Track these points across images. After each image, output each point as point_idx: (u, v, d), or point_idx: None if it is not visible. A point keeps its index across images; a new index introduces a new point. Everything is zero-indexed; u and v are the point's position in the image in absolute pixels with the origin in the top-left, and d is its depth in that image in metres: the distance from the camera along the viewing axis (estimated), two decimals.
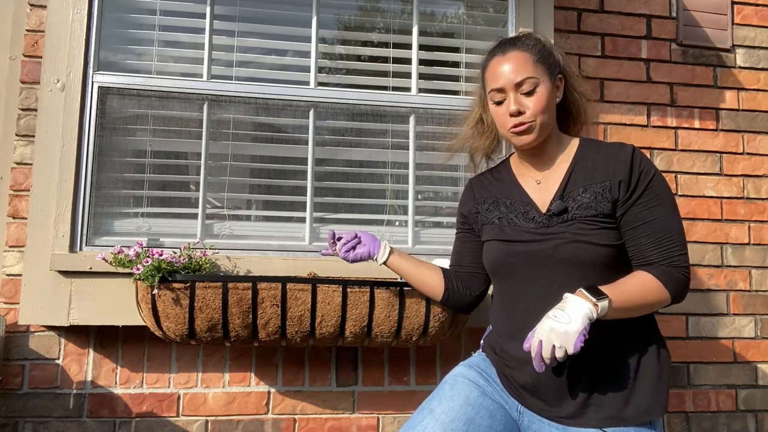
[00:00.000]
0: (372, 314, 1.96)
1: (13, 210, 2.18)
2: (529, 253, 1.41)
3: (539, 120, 1.42)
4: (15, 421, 2.11)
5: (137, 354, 2.20)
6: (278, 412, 2.26)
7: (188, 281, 1.90)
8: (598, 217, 1.36)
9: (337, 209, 2.40)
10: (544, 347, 1.21)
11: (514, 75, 1.42)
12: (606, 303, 1.24)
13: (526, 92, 1.42)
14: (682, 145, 2.67)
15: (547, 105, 1.43)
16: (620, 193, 1.36)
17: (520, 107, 1.42)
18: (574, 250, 1.35)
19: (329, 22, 2.49)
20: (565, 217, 1.39)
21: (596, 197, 1.38)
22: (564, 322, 1.19)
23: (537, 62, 1.43)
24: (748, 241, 2.67)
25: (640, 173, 1.36)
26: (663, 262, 1.33)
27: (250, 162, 2.39)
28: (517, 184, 1.53)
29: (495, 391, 1.47)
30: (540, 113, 1.42)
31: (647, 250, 1.35)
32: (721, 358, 2.59)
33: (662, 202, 1.36)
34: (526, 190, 1.50)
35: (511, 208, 1.50)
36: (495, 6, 2.56)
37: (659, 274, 1.32)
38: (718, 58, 2.74)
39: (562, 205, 1.39)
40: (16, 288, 2.14)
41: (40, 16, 2.23)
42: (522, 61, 1.43)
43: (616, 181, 1.37)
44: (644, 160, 1.39)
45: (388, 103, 2.41)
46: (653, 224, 1.34)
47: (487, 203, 1.56)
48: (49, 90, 2.15)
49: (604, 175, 1.39)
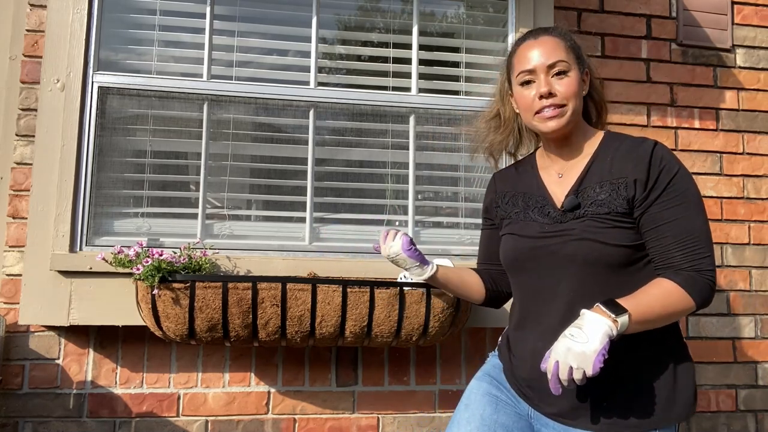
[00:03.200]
0: (372, 314, 1.96)
1: (13, 210, 2.18)
2: (537, 249, 1.39)
3: (570, 105, 1.38)
4: (15, 421, 2.11)
5: (137, 354, 2.20)
6: (278, 412, 2.26)
7: (188, 281, 1.90)
8: (611, 215, 1.31)
9: (337, 209, 2.40)
10: (561, 368, 1.15)
11: (547, 56, 1.39)
12: (626, 318, 1.17)
13: (557, 73, 1.38)
14: (682, 145, 2.67)
15: (578, 90, 1.39)
16: (636, 191, 1.30)
17: (551, 89, 1.38)
18: (579, 247, 1.31)
19: (329, 22, 2.49)
20: (578, 213, 1.35)
21: (611, 194, 1.32)
22: (581, 342, 1.14)
23: (569, 48, 1.41)
24: (748, 241, 2.67)
25: (660, 171, 1.29)
26: (686, 266, 1.26)
27: (250, 162, 2.39)
28: (538, 178, 1.49)
29: (508, 398, 1.46)
30: (572, 97, 1.38)
31: (670, 252, 1.27)
32: (721, 358, 2.59)
33: (685, 201, 1.29)
34: (546, 184, 1.46)
35: (529, 202, 1.46)
36: (495, 6, 2.56)
37: (682, 281, 1.25)
38: (718, 58, 2.74)
39: (575, 201, 1.36)
40: (16, 288, 2.14)
41: (40, 16, 2.23)
42: (555, 45, 1.40)
43: (632, 179, 1.31)
44: (666, 156, 1.32)
45: (388, 103, 2.41)
46: (676, 225, 1.28)
47: (507, 197, 1.53)
48: (49, 90, 2.15)
49: (620, 171, 1.33)
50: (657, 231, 1.29)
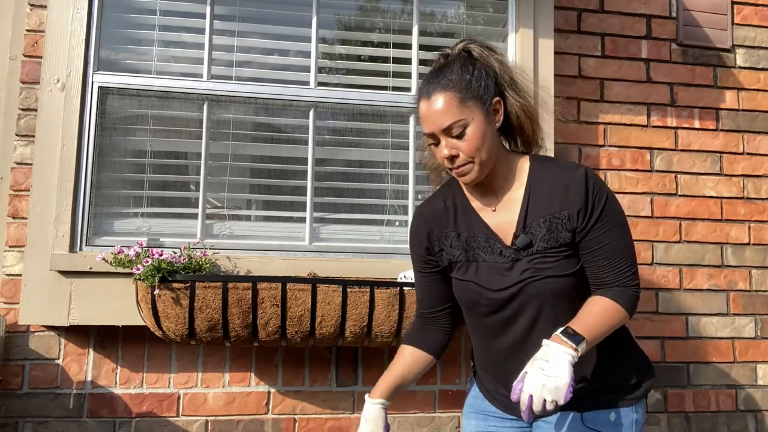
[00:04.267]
0: (372, 314, 1.96)
1: (13, 210, 2.18)
2: (499, 291, 1.38)
3: (477, 159, 1.34)
4: (15, 421, 2.11)
5: (137, 354, 2.20)
6: (278, 412, 2.26)
7: (188, 281, 1.90)
8: (560, 248, 1.36)
9: (337, 209, 2.40)
10: (535, 402, 1.20)
11: (441, 121, 1.32)
12: (584, 345, 1.24)
13: (456, 135, 1.33)
14: (682, 145, 2.67)
15: (482, 142, 1.33)
16: (578, 221, 1.35)
17: (452, 151, 1.33)
18: (544, 285, 1.35)
19: (329, 22, 2.49)
20: (531, 250, 1.36)
21: (557, 228, 1.36)
22: (553, 376, 1.19)
23: (464, 99, 1.32)
24: (748, 241, 2.67)
25: (595, 199, 1.34)
26: (616, 282, 1.35)
27: (250, 162, 2.39)
28: (474, 214, 1.44)
29: (495, 421, 1.50)
30: (476, 152, 1.33)
31: (603, 272, 1.35)
32: (721, 358, 2.59)
33: (615, 225, 1.36)
34: (486, 221, 1.43)
35: (476, 242, 1.42)
36: (495, 6, 2.56)
37: (616, 296, 1.34)
38: (718, 58, 2.74)
39: (527, 240, 1.37)
40: (16, 288, 2.14)
41: (40, 16, 2.23)
42: (446, 104, 1.32)
43: (574, 210, 1.34)
44: (597, 183, 1.36)
45: (388, 103, 2.41)
46: (608, 247, 1.35)
47: (449, 238, 1.45)
48: (49, 90, 2.15)
49: (561, 204, 1.36)
50: (593, 254, 1.36)
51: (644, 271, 2.51)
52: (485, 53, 1.40)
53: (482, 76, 1.36)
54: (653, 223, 2.60)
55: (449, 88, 1.33)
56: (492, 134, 1.37)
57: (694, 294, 2.60)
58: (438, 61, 1.42)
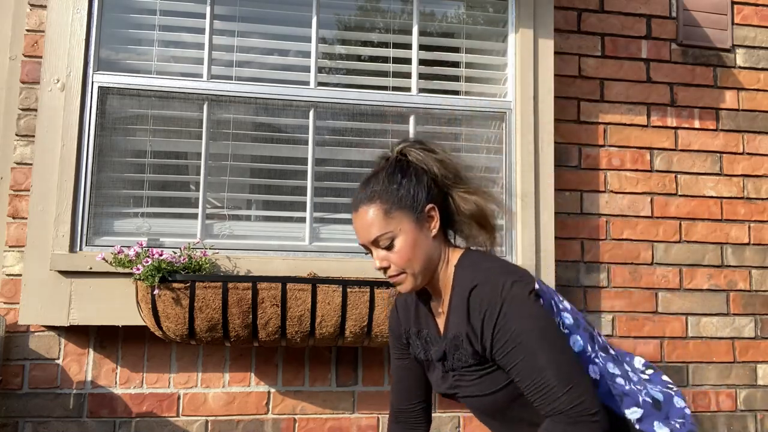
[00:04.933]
0: (372, 314, 1.96)
1: (13, 210, 2.18)
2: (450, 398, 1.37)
3: (408, 271, 1.28)
4: (15, 421, 2.11)
5: (137, 354, 2.20)
6: (278, 412, 2.26)
7: (188, 281, 1.90)
8: (471, 367, 1.26)
9: (337, 209, 2.40)
10: None
11: (368, 234, 1.27)
12: None
13: (385, 247, 1.27)
14: (682, 145, 2.67)
15: (413, 252, 1.26)
16: (473, 345, 1.22)
17: (383, 262, 1.28)
18: (472, 402, 1.30)
19: (329, 22, 2.49)
20: (447, 365, 1.30)
21: (460, 348, 1.26)
22: None
23: (390, 211, 1.26)
24: (748, 241, 2.67)
25: (483, 319, 1.19)
26: (551, 412, 1.13)
27: (250, 162, 2.39)
28: (429, 314, 1.39)
29: None
30: (405, 264, 1.27)
31: (532, 399, 1.16)
32: (721, 358, 2.59)
33: (518, 344, 1.15)
34: (437, 322, 1.36)
35: (429, 344, 1.37)
36: (495, 6, 2.56)
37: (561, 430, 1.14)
38: (718, 58, 2.74)
39: (440, 353, 1.30)
40: (16, 288, 2.14)
41: (40, 16, 2.23)
42: (371, 219, 1.26)
43: (470, 330, 1.22)
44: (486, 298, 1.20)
45: (388, 103, 2.41)
46: (519, 373, 1.16)
47: (413, 334, 1.41)
48: (49, 90, 2.15)
49: (461, 323, 1.24)
50: (516, 380, 1.19)
51: (644, 271, 2.51)
52: (421, 156, 1.32)
53: (412, 183, 1.29)
54: (653, 223, 2.60)
55: (373, 200, 1.28)
56: (426, 243, 1.28)
57: (694, 294, 2.60)
58: (376, 164, 1.37)
